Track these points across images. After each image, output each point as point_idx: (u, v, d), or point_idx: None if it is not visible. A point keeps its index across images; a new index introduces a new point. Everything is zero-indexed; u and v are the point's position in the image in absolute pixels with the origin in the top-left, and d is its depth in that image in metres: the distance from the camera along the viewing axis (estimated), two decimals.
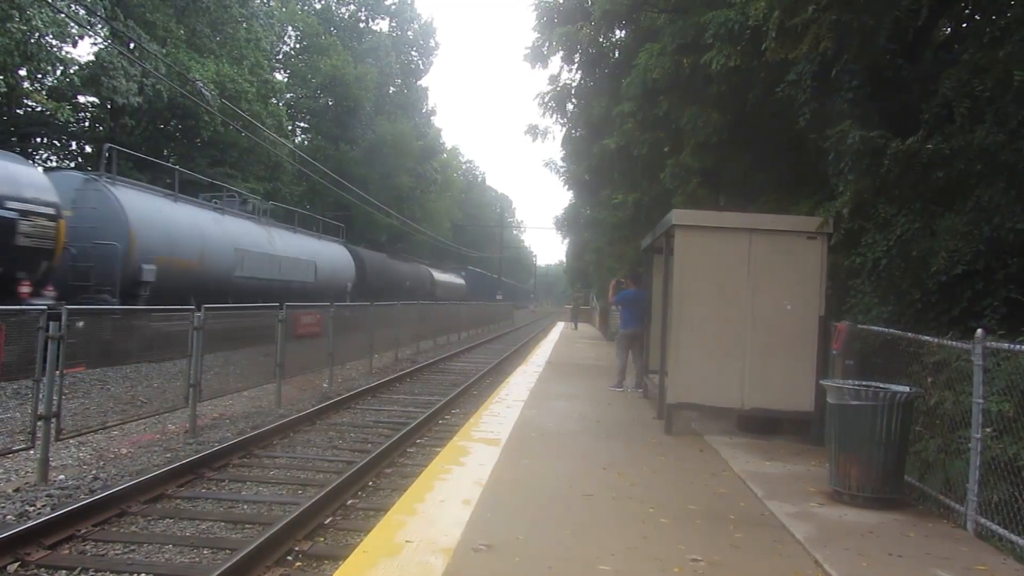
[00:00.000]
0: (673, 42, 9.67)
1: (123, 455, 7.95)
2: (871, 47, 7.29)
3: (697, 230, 7.85)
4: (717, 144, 9.59)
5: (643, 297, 10.98)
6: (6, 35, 20.89)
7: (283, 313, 11.40)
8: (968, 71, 6.47)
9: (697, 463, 6.63)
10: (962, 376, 5.25)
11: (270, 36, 39.27)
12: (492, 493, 5.22)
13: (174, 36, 30.68)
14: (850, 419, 5.38)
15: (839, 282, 8.07)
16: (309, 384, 13.26)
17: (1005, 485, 4.63)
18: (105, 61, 26.38)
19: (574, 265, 42.04)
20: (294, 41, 50.41)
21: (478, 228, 77.98)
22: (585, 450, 6.97)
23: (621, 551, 4.20)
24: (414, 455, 8.42)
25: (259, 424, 9.59)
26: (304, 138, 49.60)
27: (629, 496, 5.38)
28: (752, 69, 8.54)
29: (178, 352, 9.72)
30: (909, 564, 4.25)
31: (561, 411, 9.14)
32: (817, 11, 6.40)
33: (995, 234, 6.12)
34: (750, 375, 7.58)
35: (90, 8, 24.00)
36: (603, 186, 15.73)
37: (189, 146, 33.45)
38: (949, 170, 6.53)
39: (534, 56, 12.29)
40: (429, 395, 13.13)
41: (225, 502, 6.38)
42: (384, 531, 4.35)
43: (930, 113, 6.90)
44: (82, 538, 5.31)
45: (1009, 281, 6.06)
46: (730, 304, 7.65)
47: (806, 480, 6.07)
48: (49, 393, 6.80)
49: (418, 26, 62.19)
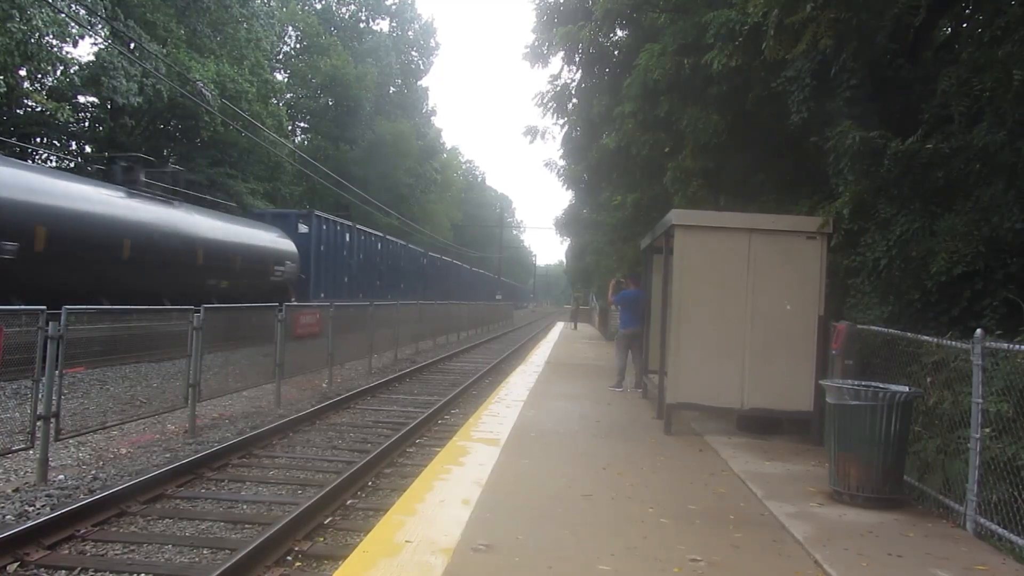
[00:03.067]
0: (674, 42, 9.67)
1: (122, 455, 7.95)
2: (871, 46, 7.29)
3: (697, 230, 7.86)
4: (717, 144, 9.59)
5: (643, 297, 10.99)
6: (6, 35, 20.88)
7: (283, 313, 11.41)
8: (967, 70, 6.47)
9: (697, 463, 6.63)
10: (961, 376, 5.25)
11: (270, 36, 39.25)
12: (492, 493, 5.22)
13: (174, 36, 30.67)
14: (849, 419, 5.38)
15: (839, 282, 8.07)
16: (308, 384, 13.27)
17: (1004, 485, 4.63)
18: (105, 61, 26.38)
19: (574, 265, 42.00)
20: (294, 41, 50.44)
21: (478, 228, 77.98)
22: (585, 450, 6.97)
23: (621, 551, 4.20)
24: (413, 455, 8.42)
25: (258, 424, 9.59)
26: (304, 138, 49.62)
27: (629, 496, 5.38)
28: (753, 69, 8.55)
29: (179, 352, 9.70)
30: (908, 564, 4.25)
31: (561, 411, 9.14)
32: (816, 9, 6.40)
33: (994, 234, 6.13)
34: (750, 375, 7.58)
35: (90, 8, 23.99)
36: (603, 186, 15.72)
37: (189, 146, 33.43)
38: (949, 170, 6.54)
39: (534, 56, 12.29)
40: (428, 395, 13.13)
41: (225, 502, 6.38)
42: (384, 531, 4.35)
43: (930, 113, 6.91)
44: (82, 538, 5.30)
45: (1008, 281, 6.07)
46: (730, 304, 7.65)
47: (806, 480, 6.07)
48: (48, 393, 6.80)
49: (418, 26, 62.24)
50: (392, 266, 33.66)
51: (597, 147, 12.42)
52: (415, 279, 37.68)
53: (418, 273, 38.90)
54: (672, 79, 9.55)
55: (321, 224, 25.08)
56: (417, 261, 39.53)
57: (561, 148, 15.39)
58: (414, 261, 38.80)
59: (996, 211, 6.21)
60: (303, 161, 35.36)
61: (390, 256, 33.42)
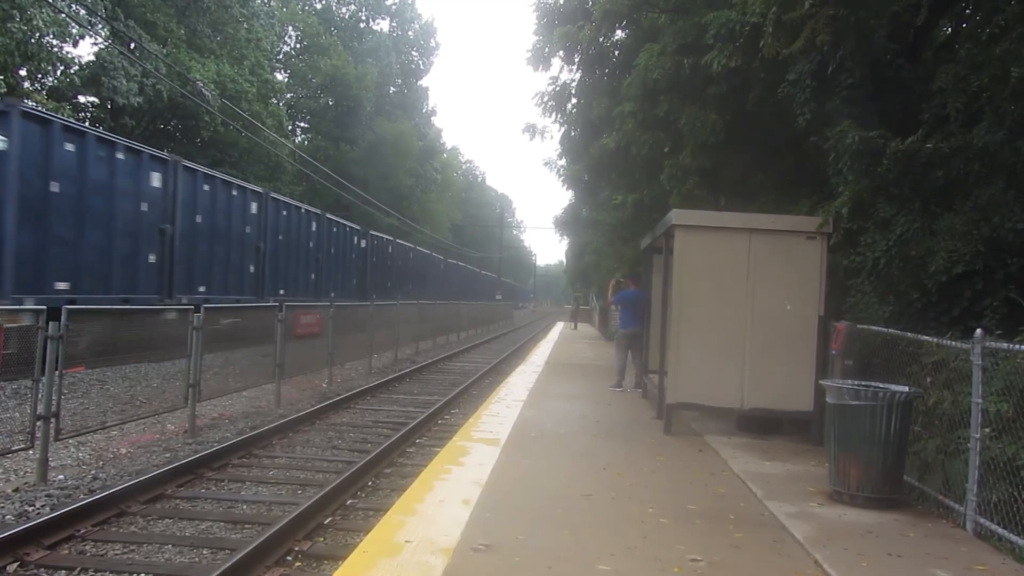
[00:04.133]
0: (674, 42, 9.67)
1: (122, 455, 7.95)
2: (870, 45, 7.29)
3: (697, 230, 7.86)
4: (716, 144, 9.59)
5: (642, 297, 10.99)
6: (6, 35, 20.89)
7: (283, 313, 11.40)
8: (965, 68, 6.48)
9: (697, 463, 6.63)
10: (961, 376, 5.24)
11: (270, 36, 39.31)
12: (491, 493, 5.22)
13: (174, 36, 30.71)
14: (849, 419, 5.38)
15: (838, 282, 8.07)
16: (308, 384, 13.27)
17: (1004, 485, 4.63)
18: (105, 61, 26.40)
19: (574, 265, 41.97)
20: (294, 41, 50.47)
21: (478, 228, 78.00)
22: (584, 450, 6.97)
23: (621, 551, 4.20)
24: (413, 455, 8.42)
25: (258, 424, 9.58)
26: (304, 138, 49.62)
27: (629, 496, 5.38)
28: (753, 69, 8.55)
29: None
30: (908, 564, 4.25)
31: (560, 411, 9.14)
32: (814, 6, 6.40)
33: (994, 234, 6.13)
34: (749, 375, 7.58)
35: (91, 8, 24.00)
36: (603, 186, 15.72)
37: (189, 146, 33.41)
38: (948, 170, 6.54)
39: (536, 58, 12.29)
40: (428, 395, 13.13)
41: (224, 502, 6.38)
42: (383, 531, 4.35)
43: (930, 113, 6.91)
44: (81, 538, 5.30)
45: (1009, 281, 6.06)
46: (730, 304, 7.65)
47: (805, 480, 6.07)
48: (48, 393, 6.80)
49: (418, 26, 62.26)
50: (402, 268, 33.84)
51: (597, 147, 12.41)
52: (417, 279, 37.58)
53: (419, 273, 38.80)
54: (672, 79, 9.55)
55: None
56: (422, 261, 39.41)
57: (561, 148, 15.41)
58: (421, 261, 38.74)
59: (996, 211, 6.21)
60: (303, 161, 35.38)
61: (400, 258, 33.76)
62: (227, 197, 18.33)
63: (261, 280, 19.76)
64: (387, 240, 32.49)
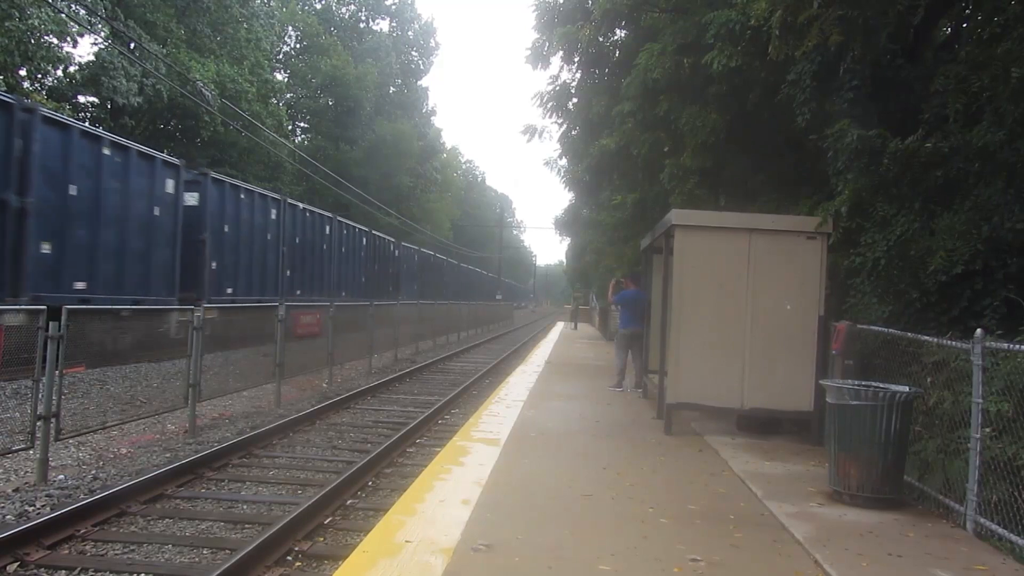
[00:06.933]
0: (674, 42, 9.67)
1: (123, 455, 7.95)
2: (873, 45, 7.28)
3: (697, 230, 7.86)
4: (717, 144, 9.59)
5: (643, 297, 10.99)
6: (6, 35, 20.88)
7: (282, 313, 11.41)
8: (965, 68, 6.47)
9: (697, 463, 6.62)
10: (961, 376, 5.25)
11: (270, 36, 39.28)
12: (492, 493, 5.22)
13: (174, 36, 30.68)
14: (849, 419, 5.38)
15: (838, 282, 8.07)
16: (308, 384, 13.27)
17: (1004, 485, 4.63)
18: (105, 61, 26.39)
19: (574, 265, 41.97)
20: (294, 41, 50.45)
21: (478, 228, 78.01)
22: (585, 450, 6.97)
23: (621, 551, 4.20)
24: (414, 455, 8.42)
25: (258, 424, 9.58)
26: (304, 138, 49.61)
27: (629, 496, 5.38)
28: (753, 69, 8.55)
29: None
30: (908, 564, 4.25)
31: (561, 411, 9.14)
32: (822, 7, 6.39)
33: (994, 234, 6.13)
34: (750, 375, 7.58)
35: (90, 8, 23.99)
36: (603, 186, 15.70)
37: (189, 146, 33.42)
38: (948, 169, 6.54)
39: (535, 57, 12.29)
40: (428, 395, 13.13)
41: (225, 502, 6.38)
42: (384, 531, 4.35)
43: (930, 113, 6.91)
44: (82, 538, 5.30)
45: (1008, 281, 6.06)
46: (730, 304, 7.65)
47: (806, 480, 6.07)
48: (48, 393, 6.80)
49: (418, 26, 62.27)
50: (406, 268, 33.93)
51: (597, 147, 12.41)
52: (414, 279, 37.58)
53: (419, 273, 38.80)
54: (672, 79, 9.55)
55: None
56: (423, 261, 39.42)
57: (559, 144, 15.40)
58: (422, 261, 38.80)
59: (995, 210, 6.20)
60: (303, 161, 35.36)
61: (405, 259, 34.04)
62: (250, 204, 19.06)
63: (280, 282, 20.61)
64: (391, 241, 33.11)
